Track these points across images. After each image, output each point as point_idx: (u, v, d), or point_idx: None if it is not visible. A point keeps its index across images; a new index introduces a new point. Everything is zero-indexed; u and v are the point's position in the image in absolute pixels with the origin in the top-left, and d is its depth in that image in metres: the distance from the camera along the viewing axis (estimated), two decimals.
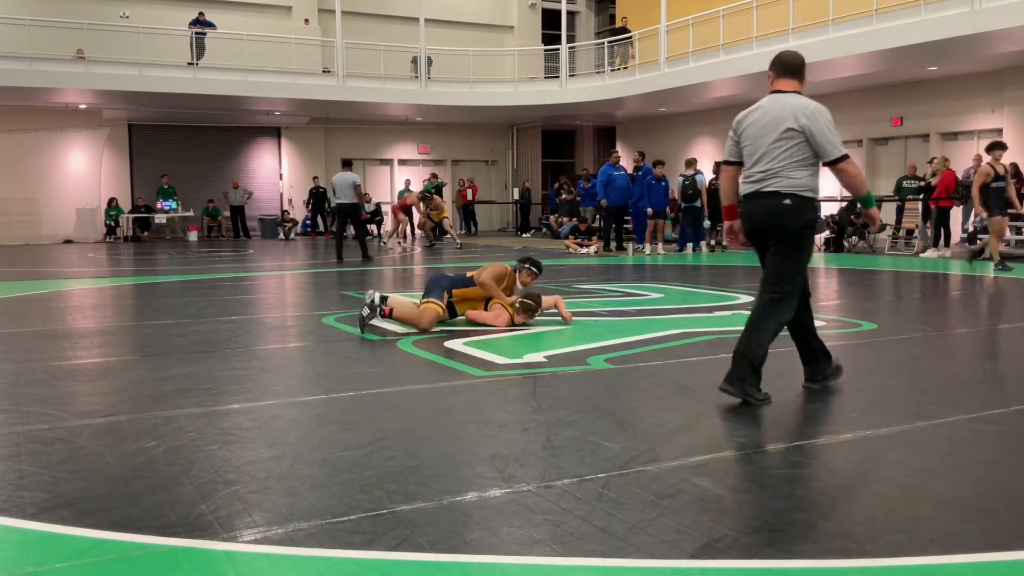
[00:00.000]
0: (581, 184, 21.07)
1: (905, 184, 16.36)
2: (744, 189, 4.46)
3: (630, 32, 22.17)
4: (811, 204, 4.31)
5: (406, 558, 2.50)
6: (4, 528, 2.77)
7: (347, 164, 15.30)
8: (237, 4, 23.61)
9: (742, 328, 4.43)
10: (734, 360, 4.30)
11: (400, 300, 7.10)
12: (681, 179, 16.68)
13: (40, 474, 3.28)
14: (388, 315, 6.85)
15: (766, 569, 2.42)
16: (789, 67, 4.43)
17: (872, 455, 3.47)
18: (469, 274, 7.15)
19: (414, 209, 20.68)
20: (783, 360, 5.54)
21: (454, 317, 7.04)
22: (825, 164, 4.30)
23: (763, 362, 4.30)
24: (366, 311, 6.78)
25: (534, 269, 7.38)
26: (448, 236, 20.44)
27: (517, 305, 6.95)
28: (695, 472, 3.24)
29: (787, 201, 4.26)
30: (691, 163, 16.98)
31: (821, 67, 16.73)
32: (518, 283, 7.28)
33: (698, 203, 16.60)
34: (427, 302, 6.89)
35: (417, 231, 23.19)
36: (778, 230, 4.33)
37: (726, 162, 4.58)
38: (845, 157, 4.26)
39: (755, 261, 4.74)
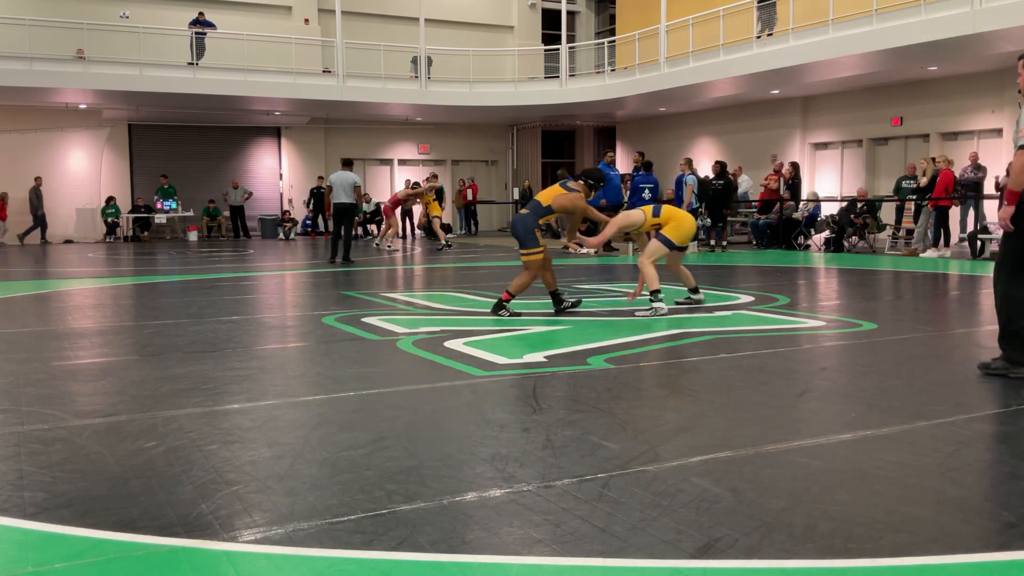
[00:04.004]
0: None
1: (904, 184, 16.37)
2: None
3: None
4: None
5: (406, 558, 2.50)
6: (4, 528, 2.77)
7: (347, 163, 15.15)
8: (237, 4, 23.61)
9: (741, 328, 4.44)
10: None
11: (517, 278, 7.67)
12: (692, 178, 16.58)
13: (40, 474, 3.28)
14: (509, 299, 7.51)
15: (766, 569, 2.42)
16: None
17: (872, 455, 3.47)
18: (546, 203, 7.67)
19: (414, 209, 20.63)
20: (783, 360, 5.54)
21: (556, 235, 7.65)
22: None
23: None
24: (503, 314, 7.42)
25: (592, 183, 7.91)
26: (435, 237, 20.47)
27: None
28: (695, 472, 3.24)
29: None
30: (685, 163, 16.97)
31: (821, 67, 16.74)
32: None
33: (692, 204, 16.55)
34: (525, 254, 7.53)
35: (418, 231, 23.20)
36: None
37: None
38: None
39: (754, 262, 4.74)
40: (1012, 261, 4.83)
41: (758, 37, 17.67)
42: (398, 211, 20.29)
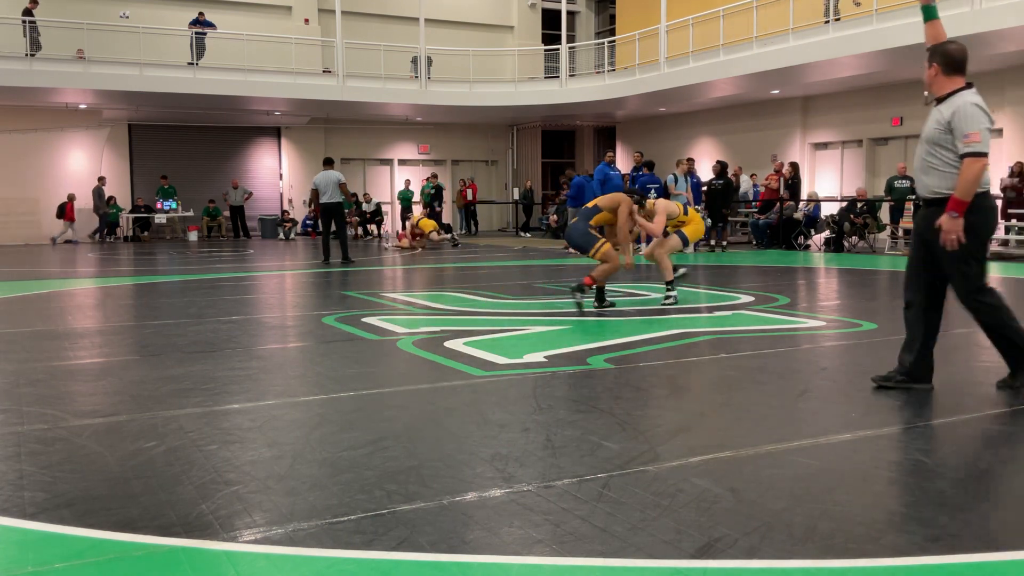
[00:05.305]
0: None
1: (897, 184, 16.36)
2: (989, 181, 4.38)
3: None
4: None
5: (406, 558, 2.50)
6: (4, 528, 2.77)
7: (329, 163, 14.98)
8: (237, 4, 23.61)
9: (741, 328, 4.43)
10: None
11: (598, 268, 7.88)
12: (671, 178, 16.61)
13: (40, 474, 3.28)
14: (592, 284, 7.81)
15: (766, 569, 2.42)
16: None
17: (872, 455, 3.47)
18: (592, 204, 8.06)
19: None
20: (783, 360, 5.54)
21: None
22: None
23: None
24: (578, 296, 7.72)
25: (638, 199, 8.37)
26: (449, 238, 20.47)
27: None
28: (695, 472, 3.24)
29: None
30: (679, 163, 16.98)
31: (821, 67, 16.73)
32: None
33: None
34: (598, 248, 7.74)
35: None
36: None
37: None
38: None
39: (754, 262, 4.73)
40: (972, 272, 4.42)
41: (826, 22, 17.17)
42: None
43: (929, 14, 4.73)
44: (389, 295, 9.63)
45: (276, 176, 25.24)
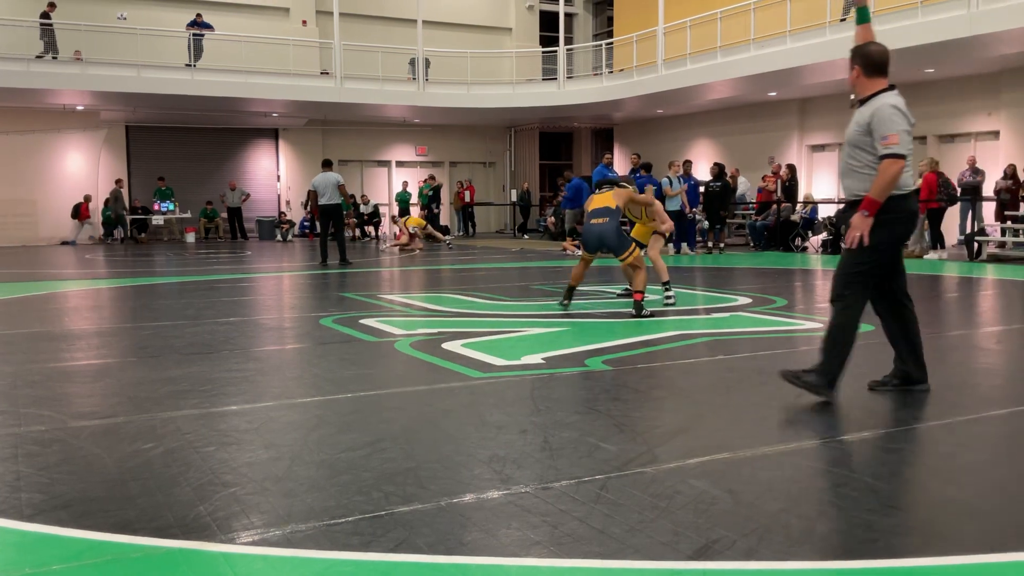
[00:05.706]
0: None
1: None
2: (910, 184, 4.32)
3: None
4: None
5: (404, 560, 2.49)
6: (1, 530, 2.76)
7: (328, 164, 14.99)
8: (235, 6, 23.60)
9: (739, 329, 4.41)
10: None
11: (636, 279, 7.74)
12: (666, 180, 16.60)
13: (37, 476, 3.27)
14: (642, 297, 7.62)
15: (765, 571, 2.42)
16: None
17: (871, 455, 3.48)
18: (615, 205, 7.81)
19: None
20: (781, 362, 5.54)
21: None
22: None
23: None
24: (644, 313, 7.48)
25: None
26: (445, 239, 20.45)
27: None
28: (693, 474, 3.24)
29: None
30: (671, 164, 16.98)
31: (819, 69, 16.74)
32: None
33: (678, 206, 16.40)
34: (631, 251, 7.67)
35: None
36: None
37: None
38: None
39: (751, 264, 4.72)
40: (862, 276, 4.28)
41: (843, 20, 17.10)
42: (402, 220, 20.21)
43: (863, 17, 4.77)
44: (387, 297, 9.62)
45: (274, 178, 25.23)
